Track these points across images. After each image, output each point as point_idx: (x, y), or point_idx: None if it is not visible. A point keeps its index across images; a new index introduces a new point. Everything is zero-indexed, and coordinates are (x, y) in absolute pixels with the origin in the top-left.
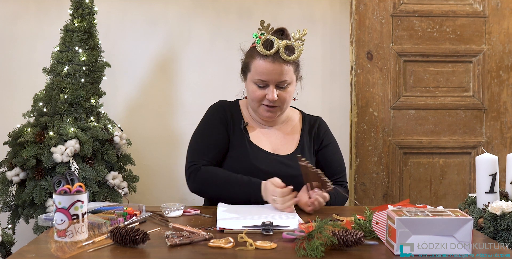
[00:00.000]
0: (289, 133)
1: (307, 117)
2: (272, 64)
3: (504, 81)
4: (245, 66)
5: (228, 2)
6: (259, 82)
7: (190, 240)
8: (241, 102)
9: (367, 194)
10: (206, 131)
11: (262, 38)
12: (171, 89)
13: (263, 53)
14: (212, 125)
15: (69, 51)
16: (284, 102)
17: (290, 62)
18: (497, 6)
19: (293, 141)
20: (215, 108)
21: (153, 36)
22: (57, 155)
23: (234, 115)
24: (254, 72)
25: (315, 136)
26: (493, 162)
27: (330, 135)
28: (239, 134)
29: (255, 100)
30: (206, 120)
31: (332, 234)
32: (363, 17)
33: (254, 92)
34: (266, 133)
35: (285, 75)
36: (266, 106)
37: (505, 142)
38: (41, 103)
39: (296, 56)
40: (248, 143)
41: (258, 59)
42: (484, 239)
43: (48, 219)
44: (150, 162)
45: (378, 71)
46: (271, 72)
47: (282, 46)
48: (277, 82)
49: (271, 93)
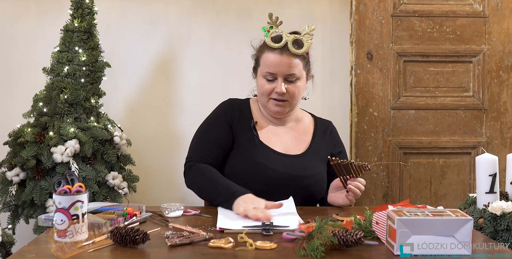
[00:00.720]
0: (301, 133)
1: (319, 120)
2: (280, 56)
3: (504, 81)
4: (255, 61)
5: (228, 2)
6: (268, 75)
7: (190, 240)
8: (252, 101)
9: (367, 194)
10: (208, 128)
11: (271, 32)
12: (171, 89)
13: (272, 46)
14: (215, 123)
15: (69, 51)
16: (293, 97)
17: (299, 56)
18: (497, 6)
19: (305, 142)
20: (223, 106)
21: (153, 36)
22: (57, 155)
23: (243, 113)
24: (263, 65)
25: (329, 140)
26: (493, 162)
27: (341, 142)
28: (248, 133)
29: (264, 94)
30: (211, 117)
31: (332, 234)
32: (363, 17)
33: (263, 86)
34: (277, 132)
35: (294, 68)
36: (274, 100)
37: (505, 142)
38: (41, 103)
39: (305, 49)
40: (258, 142)
41: (267, 52)
42: (484, 239)
43: (48, 219)
44: (150, 162)
45: (378, 71)
46: (279, 64)
47: (290, 40)
48: (285, 75)
49: (279, 86)
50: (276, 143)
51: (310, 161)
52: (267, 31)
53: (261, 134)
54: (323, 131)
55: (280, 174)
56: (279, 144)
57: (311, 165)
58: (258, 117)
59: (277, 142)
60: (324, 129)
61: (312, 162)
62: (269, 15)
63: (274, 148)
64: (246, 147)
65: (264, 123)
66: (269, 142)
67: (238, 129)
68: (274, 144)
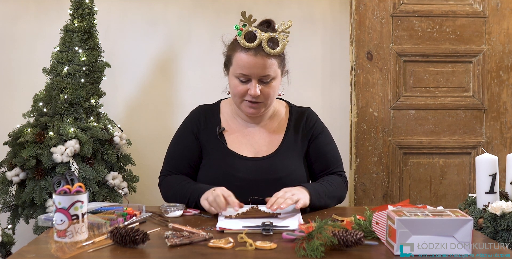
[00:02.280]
0: (275, 130)
1: (294, 110)
2: (254, 58)
3: (504, 81)
4: (227, 59)
5: (228, 2)
6: (241, 76)
7: (190, 241)
8: (223, 103)
9: (367, 194)
10: (176, 141)
11: (244, 30)
12: (171, 89)
13: (245, 46)
14: (182, 135)
15: (69, 51)
16: (268, 98)
17: (274, 55)
18: (497, 6)
19: (278, 140)
20: (190, 116)
21: (153, 36)
22: (57, 155)
23: (210, 121)
24: (236, 66)
25: (304, 130)
26: (493, 162)
27: (320, 126)
28: (215, 141)
29: (237, 95)
30: (179, 128)
31: (332, 234)
32: (363, 17)
33: (236, 87)
34: (249, 134)
35: (269, 69)
36: (248, 102)
37: (505, 142)
38: (41, 103)
39: (280, 49)
40: (224, 150)
41: (239, 52)
42: (484, 239)
43: (48, 219)
44: (150, 162)
45: (378, 71)
46: (253, 66)
47: (265, 39)
48: (260, 77)
49: (254, 88)
50: (245, 147)
51: (282, 160)
52: (240, 29)
53: (230, 140)
54: (298, 122)
55: (249, 180)
56: (249, 146)
57: (283, 164)
58: (228, 121)
59: (247, 145)
60: (300, 119)
61: (284, 160)
62: (242, 13)
63: (242, 154)
64: (214, 156)
65: (234, 126)
66: (238, 147)
67: (204, 138)
68: (243, 149)
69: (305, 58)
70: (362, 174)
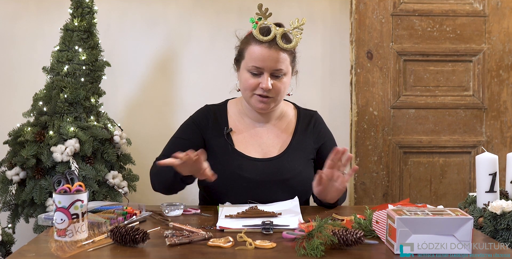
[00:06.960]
0: (283, 130)
1: (302, 112)
2: (268, 50)
3: (504, 80)
4: (239, 53)
5: (228, 2)
6: (253, 69)
7: (189, 240)
8: (230, 103)
9: (367, 193)
10: (179, 132)
11: (259, 23)
12: (171, 89)
13: (259, 39)
14: (187, 128)
15: (69, 51)
16: (278, 93)
17: (287, 50)
18: (497, 5)
19: (286, 140)
20: (198, 113)
21: (153, 35)
22: (57, 154)
23: (217, 120)
24: (249, 59)
25: (312, 133)
26: (493, 161)
27: (327, 131)
28: (222, 141)
29: (248, 89)
30: (184, 123)
31: (332, 233)
32: (363, 16)
33: (247, 80)
34: (256, 134)
35: (281, 63)
36: (259, 96)
37: (505, 141)
38: (41, 102)
39: (293, 44)
40: (232, 151)
41: (253, 45)
42: (484, 238)
43: (48, 219)
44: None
45: (378, 70)
46: (267, 59)
47: (279, 33)
48: (272, 70)
49: (266, 81)
50: (252, 148)
51: (289, 161)
52: (255, 23)
53: (237, 140)
54: (306, 124)
55: (256, 181)
56: (257, 147)
57: (290, 165)
58: (236, 121)
59: (255, 145)
60: (308, 122)
61: (292, 161)
62: (258, 6)
63: (249, 154)
64: (220, 156)
65: (242, 126)
66: (245, 148)
67: (211, 137)
68: (250, 149)
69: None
70: (362, 173)
